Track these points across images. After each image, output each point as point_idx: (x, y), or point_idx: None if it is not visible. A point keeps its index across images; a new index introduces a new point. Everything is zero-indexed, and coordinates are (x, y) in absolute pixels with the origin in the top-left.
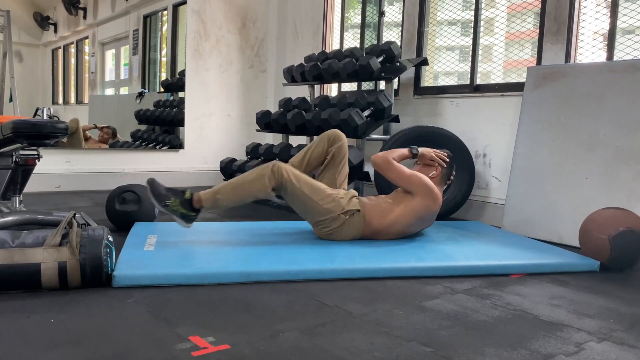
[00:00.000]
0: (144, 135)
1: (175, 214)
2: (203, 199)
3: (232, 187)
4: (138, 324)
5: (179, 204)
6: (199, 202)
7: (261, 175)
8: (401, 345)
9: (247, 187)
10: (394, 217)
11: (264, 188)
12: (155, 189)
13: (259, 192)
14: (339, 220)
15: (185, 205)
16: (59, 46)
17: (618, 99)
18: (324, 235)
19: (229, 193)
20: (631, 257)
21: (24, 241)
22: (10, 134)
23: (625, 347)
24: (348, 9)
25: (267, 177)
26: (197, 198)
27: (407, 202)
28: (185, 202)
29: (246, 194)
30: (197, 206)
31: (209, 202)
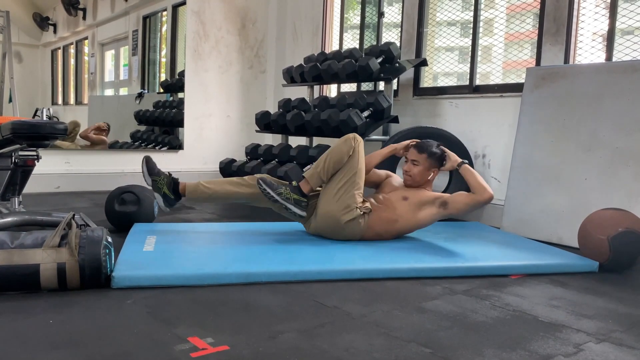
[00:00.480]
0: (144, 136)
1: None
2: (187, 185)
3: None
4: (137, 325)
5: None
6: (184, 189)
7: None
8: (400, 346)
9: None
10: (400, 227)
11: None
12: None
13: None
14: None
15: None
16: (59, 47)
17: (617, 100)
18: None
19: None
20: (630, 257)
21: (23, 242)
22: (9, 134)
23: (624, 347)
24: (347, 10)
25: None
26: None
27: (416, 214)
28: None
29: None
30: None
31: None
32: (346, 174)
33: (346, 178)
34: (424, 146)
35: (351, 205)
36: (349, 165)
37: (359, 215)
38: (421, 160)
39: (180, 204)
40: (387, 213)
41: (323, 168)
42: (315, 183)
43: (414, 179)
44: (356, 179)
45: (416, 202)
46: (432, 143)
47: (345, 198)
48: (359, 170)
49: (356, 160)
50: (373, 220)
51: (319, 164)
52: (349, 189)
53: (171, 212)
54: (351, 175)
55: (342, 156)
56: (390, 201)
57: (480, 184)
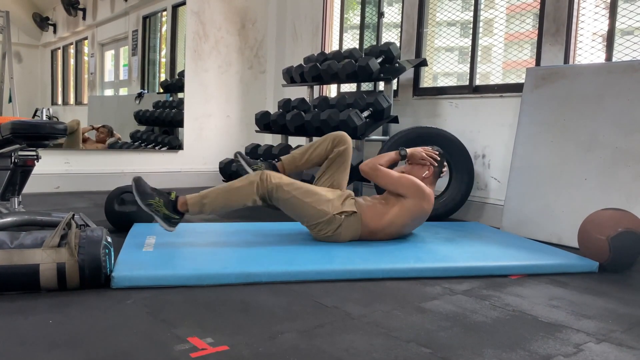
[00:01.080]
0: (143, 136)
1: (158, 215)
2: (189, 202)
3: (219, 192)
4: (137, 325)
5: (162, 205)
6: (184, 206)
7: (249, 182)
8: (400, 346)
9: (234, 193)
10: (390, 218)
11: (251, 195)
12: (140, 187)
13: (245, 199)
14: (335, 221)
15: (169, 207)
16: (58, 47)
17: (617, 100)
18: (322, 238)
19: (216, 198)
20: (630, 258)
21: (22, 242)
22: (9, 134)
23: (624, 348)
24: (347, 10)
25: (255, 185)
26: (183, 201)
27: (401, 204)
28: (170, 203)
29: (233, 199)
30: (182, 209)
31: (195, 207)
32: (294, 208)
33: (298, 210)
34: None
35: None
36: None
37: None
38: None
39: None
40: (380, 207)
41: (211, 202)
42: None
43: None
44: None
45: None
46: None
47: (310, 219)
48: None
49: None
50: (366, 216)
51: (210, 194)
52: (308, 209)
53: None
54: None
55: (240, 201)
56: (384, 196)
57: None
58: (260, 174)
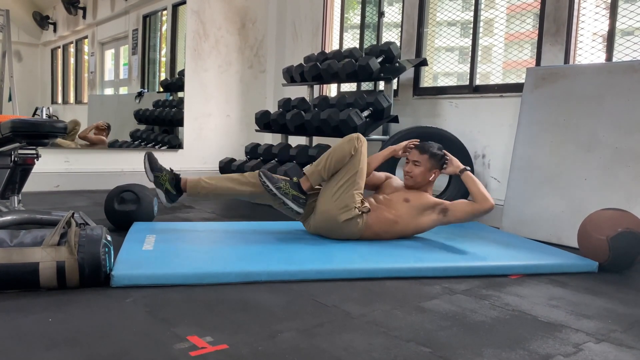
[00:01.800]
0: (143, 135)
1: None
2: (188, 181)
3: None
4: (136, 324)
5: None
6: (185, 185)
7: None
8: (399, 345)
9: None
10: (400, 230)
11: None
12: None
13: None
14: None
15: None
16: (59, 46)
17: (617, 100)
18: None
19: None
20: (629, 258)
21: (22, 240)
22: (9, 133)
23: (623, 347)
24: (348, 10)
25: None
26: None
27: (416, 218)
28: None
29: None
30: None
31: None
32: (346, 174)
33: (346, 177)
34: (426, 147)
35: (349, 205)
36: (350, 165)
37: (357, 214)
38: (422, 161)
39: (181, 201)
40: (387, 214)
41: (324, 166)
42: (315, 180)
43: (415, 180)
44: (356, 179)
45: (417, 205)
46: (433, 144)
47: (344, 197)
48: (360, 170)
49: (358, 160)
50: (372, 220)
51: (321, 161)
52: (349, 188)
53: (171, 210)
54: (351, 174)
55: (344, 155)
56: (391, 202)
57: (482, 193)
58: None
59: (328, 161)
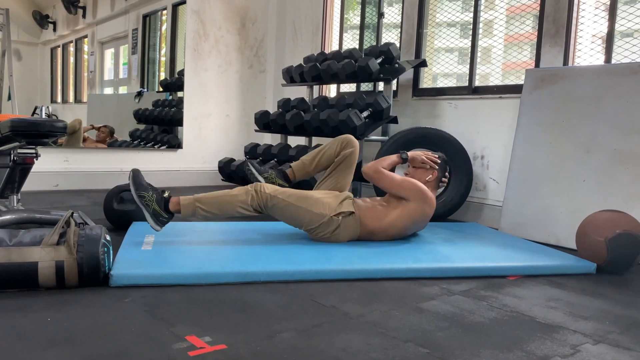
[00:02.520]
0: (143, 134)
1: (148, 209)
2: (182, 203)
3: (213, 197)
4: (135, 324)
5: (154, 200)
6: (176, 206)
7: (245, 191)
8: (398, 346)
9: (228, 201)
10: (390, 221)
11: (245, 203)
12: (137, 178)
13: (239, 206)
14: (333, 223)
15: (160, 204)
16: (58, 45)
17: (616, 102)
18: (322, 239)
19: (209, 203)
20: (627, 259)
21: (21, 240)
22: (8, 132)
23: (620, 349)
24: (347, 10)
25: (250, 195)
26: (175, 201)
27: (403, 207)
28: (162, 200)
29: (226, 207)
30: (173, 209)
31: (187, 208)
32: (291, 214)
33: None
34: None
35: (320, 225)
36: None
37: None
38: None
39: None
40: (380, 209)
41: (204, 206)
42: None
43: None
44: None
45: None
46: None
47: (309, 223)
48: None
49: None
50: (364, 216)
51: (204, 199)
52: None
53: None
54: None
55: (331, 154)
56: (377, 199)
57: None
58: (255, 185)
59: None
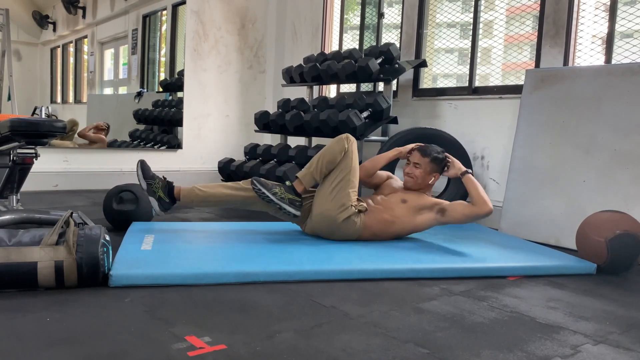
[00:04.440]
0: (142, 135)
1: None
2: (182, 188)
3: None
4: (134, 324)
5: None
6: (179, 193)
7: (338, 139)
8: (397, 346)
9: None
10: (397, 229)
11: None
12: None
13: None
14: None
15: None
16: (58, 45)
17: (616, 102)
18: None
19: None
20: (628, 260)
21: (20, 240)
22: (8, 132)
23: (621, 349)
24: (347, 11)
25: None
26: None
27: (413, 218)
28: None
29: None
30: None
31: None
32: (340, 173)
33: (340, 177)
34: (428, 150)
35: (346, 204)
36: (343, 165)
37: (354, 213)
38: (423, 163)
39: (175, 207)
40: (384, 214)
41: (316, 167)
42: (309, 182)
43: (415, 181)
44: (350, 178)
45: (415, 206)
46: (436, 148)
47: (340, 197)
48: (353, 169)
49: (350, 159)
50: (370, 220)
51: (312, 163)
52: (344, 187)
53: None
54: (345, 174)
55: (335, 156)
56: (389, 203)
57: (482, 197)
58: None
59: (319, 163)
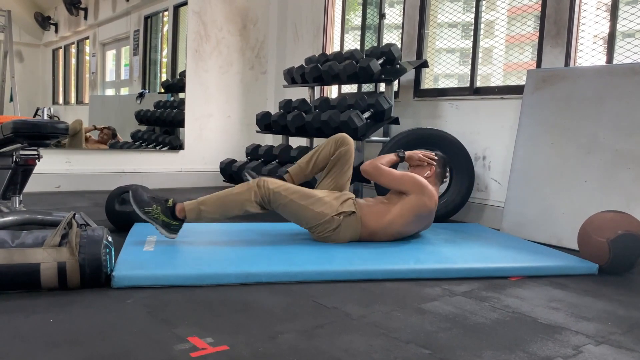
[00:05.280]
0: (144, 135)
1: (157, 222)
2: (186, 209)
3: (216, 199)
4: (137, 325)
5: (160, 212)
6: (182, 212)
7: (248, 188)
8: (399, 347)
9: (232, 199)
10: (391, 217)
11: (249, 201)
12: (138, 196)
13: (243, 205)
14: (334, 222)
15: (166, 214)
16: (60, 46)
17: (617, 102)
18: (322, 239)
19: (213, 204)
20: (630, 260)
21: (23, 241)
22: (10, 134)
23: (623, 350)
24: (348, 11)
25: (253, 191)
26: (180, 207)
27: (403, 202)
28: (167, 210)
29: (230, 206)
30: (180, 216)
31: (192, 213)
32: (292, 212)
33: (296, 213)
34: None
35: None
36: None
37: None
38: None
39: None
40: (380, 207)
41: (208, 209)
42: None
43: None
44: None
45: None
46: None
47: (309, 221)
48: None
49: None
50: (365, 216)
51: (207, 201)
52: (306, 212)
53: None
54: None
55: (238, 207)
56: (379, 198)
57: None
58: (257, 180)
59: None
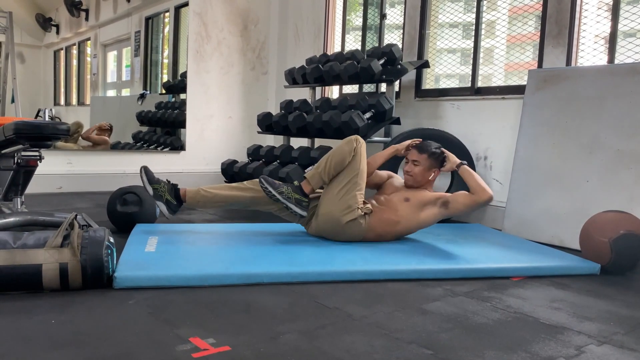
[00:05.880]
0: (146, 136)
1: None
2: (187, 190)
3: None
4: (139, 325)
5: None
6: (184, 194)
7: (349, 141)
8: (401, 347)
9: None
10: (402, 228)
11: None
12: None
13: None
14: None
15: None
16: (61, 47)
17: (619, 102)
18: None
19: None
20: (631, 260)
21: (25, 242)
22: (12, 135)
23: (625, 350)
24: (349, 12)
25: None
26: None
27: (417, 215)
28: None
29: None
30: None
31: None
32: (347, 175)
33: (348, 179)
34: (424, 146)
35: (352, 206)
36: (351, 167)
37: (360, 215)
38: (422, 160)
39: (182, 209)
40: (388, 214)
41: (324, 169)
42: (316, 183)
43: (415, 179)
44: (357, 180)
45: (417, 203)
46: (432, 144)
47: (346, 199)
48: (361, 171)
49: (358, 162)
50: (374, 221)
51: (321, 164)
52: (351, 189)
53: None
54: (352, 176)
55: (344, 157)
56: (392, 202)
57: (480, 185)
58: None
59: (328, 164)
